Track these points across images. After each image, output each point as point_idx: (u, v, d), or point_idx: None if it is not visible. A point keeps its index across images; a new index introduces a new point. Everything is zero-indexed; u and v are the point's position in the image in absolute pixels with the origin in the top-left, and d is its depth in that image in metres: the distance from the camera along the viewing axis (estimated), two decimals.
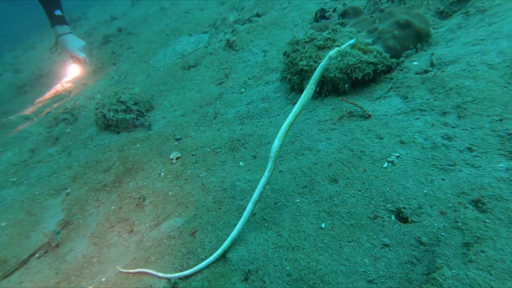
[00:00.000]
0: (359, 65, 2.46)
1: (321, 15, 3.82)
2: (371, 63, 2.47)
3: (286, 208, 1.94)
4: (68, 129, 4.28)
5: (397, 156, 1.89)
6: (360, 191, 1.83)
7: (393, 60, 2.52)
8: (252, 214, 1.90)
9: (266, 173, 1.72)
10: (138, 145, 3.16)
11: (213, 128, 3.00)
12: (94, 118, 3.86)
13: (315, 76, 1.72)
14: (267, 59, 3.67)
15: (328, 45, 2.70)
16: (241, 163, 2.46)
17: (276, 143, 1.68)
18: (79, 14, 13.70)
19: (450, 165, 1.72)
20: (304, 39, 2.90)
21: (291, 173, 2.15)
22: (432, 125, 1.96)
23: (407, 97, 2.25)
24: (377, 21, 2.75)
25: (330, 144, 2.22)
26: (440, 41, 2.64)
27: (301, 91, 2.88)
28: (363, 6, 3.44)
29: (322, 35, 2.79)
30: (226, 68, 3.99)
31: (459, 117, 1.94)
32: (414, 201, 1.62)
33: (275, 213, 1.95)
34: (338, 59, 2.52)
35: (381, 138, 2.06)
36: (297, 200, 1.96)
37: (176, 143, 2.97)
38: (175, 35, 5.73)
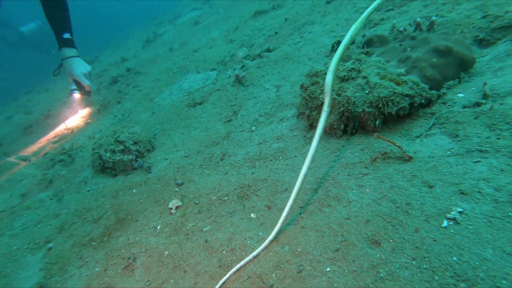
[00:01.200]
0: (392, 97, 2.05)
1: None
2: (407, 95, 2.05)
3: (313, 279, 1.45)
4: (64, 171, 3.88)
5: (459, 212, 1.41)
6: (414, 259, 1.34)
7: (433, 92, 2.11)
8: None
9: (325, 108, 1.72)
10: (134, 191, 2.72)
11: (220, 172, 2.56)
12: (90, 159, 3.46)
13: (363, 18, 1.87)
14: (280, 94, 3.30)
15: (352, 76, 2.31)
16: (252, 215, 2.00)
17: (329, 77, 1.73)
18: (92, 57, 13.89)
19: None
20: (324, 71, 2.53)
21: (316, 231, 1.68)
22: (502, 170, 1.49)
23: (457, 135, 1.80)
24: (409, 49, 2.38)
25: (364, 193, 1.75)
26: (485, 71, 2.24)
27: None
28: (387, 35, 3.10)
29: (344, 65, 2.41)
30: (235, 105, 3.62)
31: None
32: (504, 282, 1.13)
33: (299, 285, 1.45)
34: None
35: (431, 187, 1.60)
36: (328, 269, 1.47)
37: (177, 189, 2.53)
38: (182, 73, 5.47)
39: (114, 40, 17.27)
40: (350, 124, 2.25)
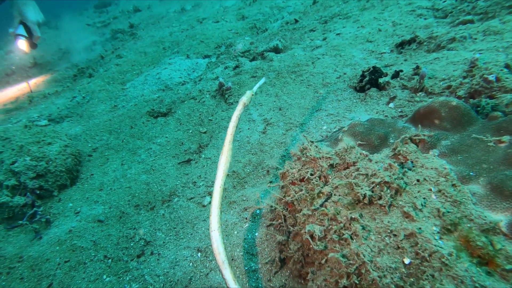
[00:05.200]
0: None
1: (371, 79, 2.12)
2: None
3: None
4: None
5: None
6: None
7: None
8: None
9: None
10: None
11: None
12: None
13: (231, 132, 1.23)
14: (266, 141, 2.03)
15: (380, 202, 1.05)
16: None
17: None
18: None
19: None
20: (326, 156, 1.26)
21: None
22: None
23: None
24: None
25: None
26: None
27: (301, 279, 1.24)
28: (464, 90, 1.72)
29: (371, 164, 1.13)
30: (205, 132, 2.38)
31: None
32: None
33: None
34: None
35: None
36: None
37: None
38: (172, 51, 4.16)
39: None
40: None
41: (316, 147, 1.32)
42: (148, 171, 2.16)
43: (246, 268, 1.31)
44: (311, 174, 1.25)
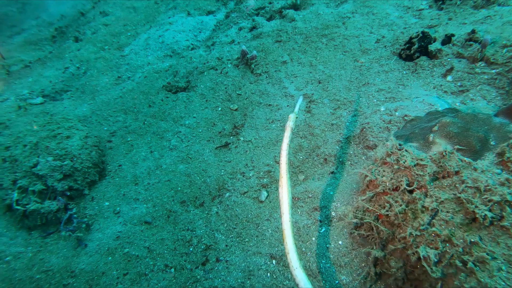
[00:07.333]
0: None
1: (421, 46, 1.92)
2: None
3: None
4: None
5: None
6: None
7: None
8: None
9: None
10: None
11: None
12: None
13: (285, 161, 1.15)
14: (314, 121, 1.87)
15: (503, 221, 0.95)
16: None
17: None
18: None
19: None
20: (421, 164, 1.12)
21: None
22: None
23: None
24: None
25: None
26: None
27: None
28: None
29: (478, 174, 1.03)
30: (236, 109, 2.18)
31: None
32: None
33: None
34: None
35: None
36: None
37: None
38: (167, 7, 3.70)
39: None
40: None
41: (407, 151, 1.18)
42: (185, 159, 1.98)
43: (337, 281, 1.24)
44: (408, 185, 1.14)
